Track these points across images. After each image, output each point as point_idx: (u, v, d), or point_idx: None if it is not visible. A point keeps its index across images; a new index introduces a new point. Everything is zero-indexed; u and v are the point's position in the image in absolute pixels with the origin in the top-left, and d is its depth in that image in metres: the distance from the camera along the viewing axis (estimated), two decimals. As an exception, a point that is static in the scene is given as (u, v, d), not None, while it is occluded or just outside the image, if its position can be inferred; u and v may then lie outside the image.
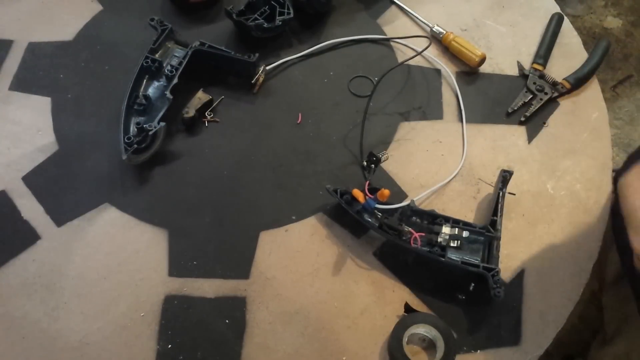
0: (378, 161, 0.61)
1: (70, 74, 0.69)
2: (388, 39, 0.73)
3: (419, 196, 0.61)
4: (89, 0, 0.76)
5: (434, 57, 0.72)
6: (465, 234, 0.55)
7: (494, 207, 0.57)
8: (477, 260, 0.54)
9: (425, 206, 0.61)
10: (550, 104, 0.68)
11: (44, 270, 0.57)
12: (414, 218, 0.57)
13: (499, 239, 0.55)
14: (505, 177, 0.58)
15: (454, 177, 0.63)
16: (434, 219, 0.57)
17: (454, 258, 0.54)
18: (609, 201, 0.62)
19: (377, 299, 0.56)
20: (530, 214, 0.61)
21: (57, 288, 0.56)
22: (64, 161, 0.63)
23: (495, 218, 0.56)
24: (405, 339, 0.51)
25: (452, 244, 0.54)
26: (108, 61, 0.70)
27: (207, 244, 0.59)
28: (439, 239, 0.54)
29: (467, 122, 0.67)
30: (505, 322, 0.55)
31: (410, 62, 0.70)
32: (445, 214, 0.57)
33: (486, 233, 0.55)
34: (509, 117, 0.67)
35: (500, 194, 0.57)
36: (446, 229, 0.55)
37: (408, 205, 0.57)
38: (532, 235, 0.60)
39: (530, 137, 0.66)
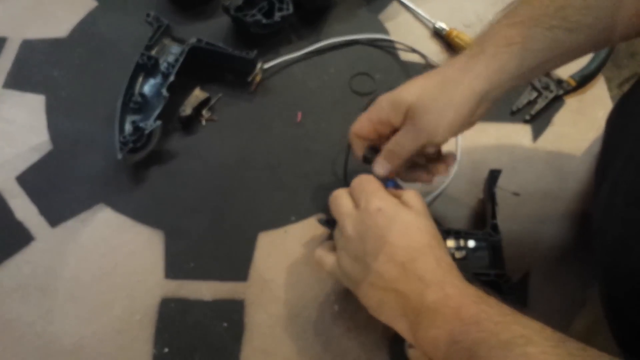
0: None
1: (64, 72, 0.68)
2: (391, 42, 0.71)
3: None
4: (85, -4, 0.74)
5: (436, 54, 0.70)
6: (470, 243, 0.53)
7: (492, 210, 0.55)
8: (485, 267, 0.52)
9: (429, 208, 0.59)
10: (556, 102, 0.67)
11: (38, 272, 0.55)
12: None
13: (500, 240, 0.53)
14: (495, 177, 0.57)
15: (457, 177, 0.62)
16: None
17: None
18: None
19: (378, 301, 0.55)
20: (535, 214, 0.60)
21: (52, 290, 0.55)
22: (58, 161, 0.62)
23: (495, 221, 0.54)
24: (407, 341, 0.50)
25: (457, 256, 0.53)
26: (103, 58, 0.69)
27: (204, 245, 0.57)
28: None
29: (470, 120, 0.65)
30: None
31: (413, 59, 0.68)
32: (448, 224, 0.55)
33: (490, 238, 0.53)
34: (514, 116, 0.66)
35: (495, 193, 0.56)
36: (450, 242, 0.53)
37: None
38: (537, 236, 0.59)
39: (536, 136, 0.65)
